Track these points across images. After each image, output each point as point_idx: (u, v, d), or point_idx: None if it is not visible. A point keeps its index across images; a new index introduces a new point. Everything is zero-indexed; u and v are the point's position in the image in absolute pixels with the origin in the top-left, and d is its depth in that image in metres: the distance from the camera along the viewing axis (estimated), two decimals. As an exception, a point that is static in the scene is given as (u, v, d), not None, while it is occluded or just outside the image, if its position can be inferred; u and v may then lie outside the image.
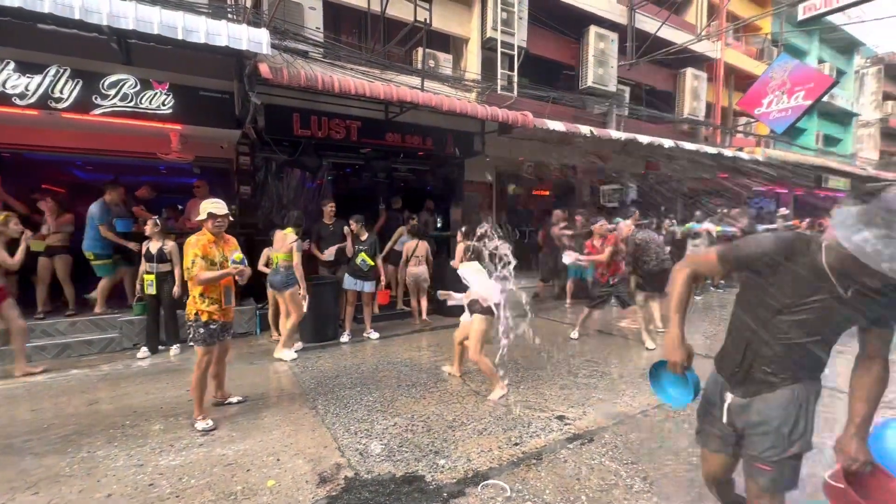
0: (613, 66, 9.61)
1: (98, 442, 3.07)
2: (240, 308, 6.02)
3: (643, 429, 3.21)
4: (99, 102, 5.00)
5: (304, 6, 6.55)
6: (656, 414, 3.45)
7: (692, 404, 1.82)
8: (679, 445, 2.96)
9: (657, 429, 3.21)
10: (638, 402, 3.67)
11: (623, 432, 3.16)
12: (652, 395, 3.72)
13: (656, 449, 2.92)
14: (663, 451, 2.89)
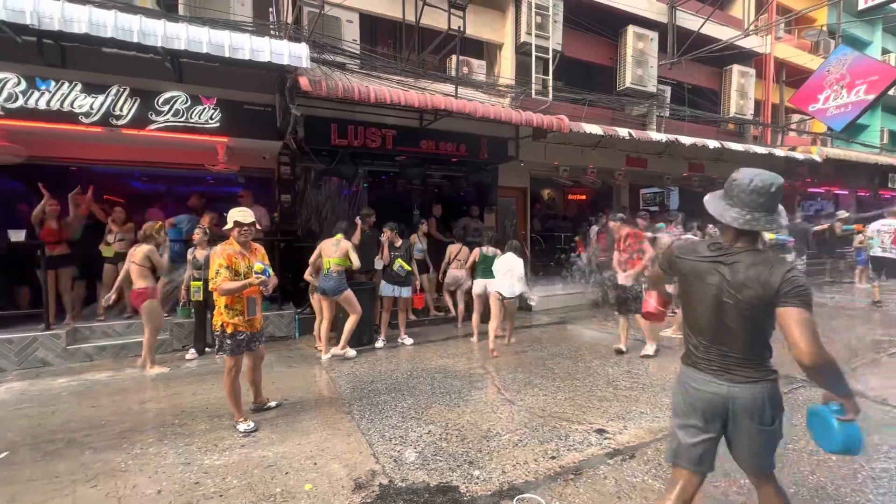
0: (653, 65, 9.30)
1: (150, 439, 3.24)
2: (279, 313, 6.24)
3: (689, 446, 3.04)
4: (154, 118, 5.34)
5: (342, 19, 6.75)
6: (703, 430, 3.26)
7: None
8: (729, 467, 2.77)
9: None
10: (683, 418, 3.49)
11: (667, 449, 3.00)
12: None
13: (704, 468, 2.75)
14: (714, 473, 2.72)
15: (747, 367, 1.67)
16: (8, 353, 4.87)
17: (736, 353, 1.68)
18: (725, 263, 1.66)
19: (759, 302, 1.58)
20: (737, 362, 1.68)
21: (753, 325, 1.63)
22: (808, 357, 1.47)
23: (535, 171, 9.41)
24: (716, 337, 1.70)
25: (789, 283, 1.54)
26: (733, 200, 1.68)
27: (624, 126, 8.44)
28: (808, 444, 3.03)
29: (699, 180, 11.38)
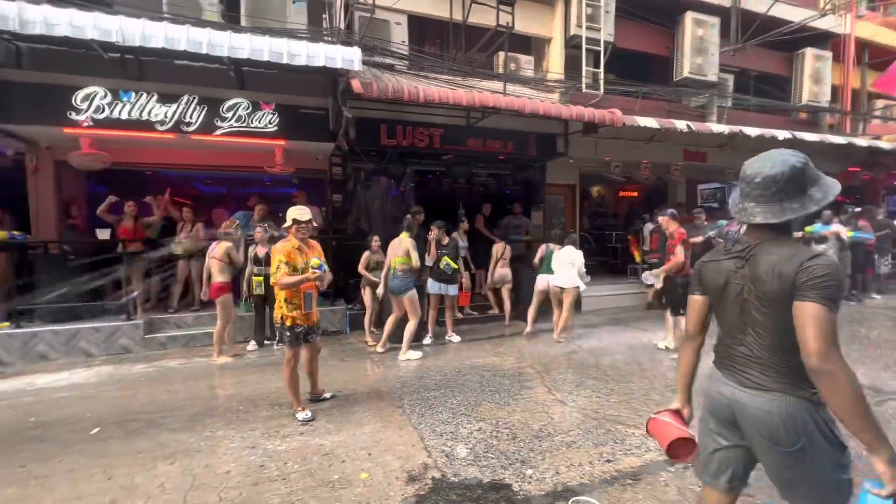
0: (714, 53, 8.74)
1: (218, 423, 3.48)
2: (332, 308, 6.47)
3: (759, 457, 2.84)
4: (219, 124, 5.71)
5: (391, 22, 6.89)
6: (775, 441, 3.03)
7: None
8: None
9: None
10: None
11: (734, 459, 2.82)
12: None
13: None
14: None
15: (763, 373, 1.43)
16: (97, 340, 5.40)
17: (756, 355, 1.46)
18: (745, 258, 1.48)
19: (777, 296, 1.36)
20: (754, 366, 1.46)
21: (775, 324, 1.40)
22: (813, 356, 1.24)
23: (585, 168, 9.14)
24: (738, 337, 1.51)
25: (807, 272, 1.30)
26: (740, 191, 1.57)
27: (681, 118, 8.00)
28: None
29: (765, 174, 10.58)
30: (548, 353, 5.41)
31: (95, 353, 5.38)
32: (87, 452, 3.03)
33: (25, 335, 5.16)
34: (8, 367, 5.01)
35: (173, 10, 5.56)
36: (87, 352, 5.36)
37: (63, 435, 3.31)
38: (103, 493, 2.55)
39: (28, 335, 5.17)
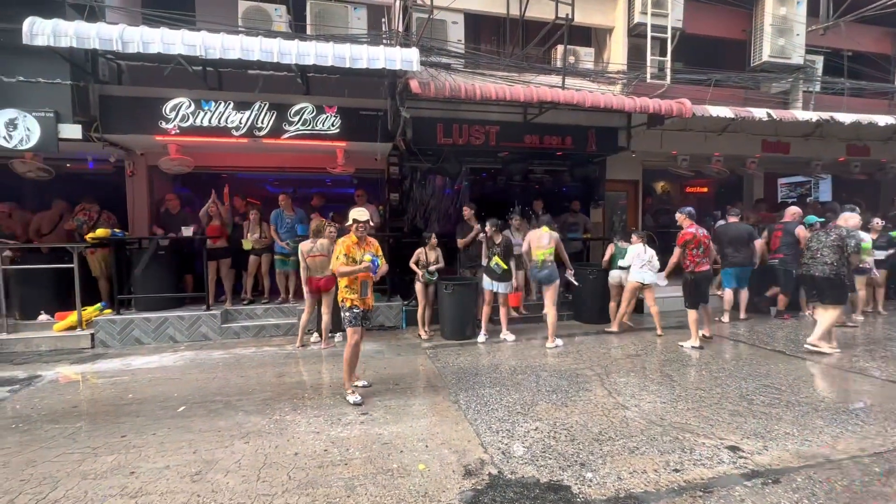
0: (800, 33, 7.94)
1: (286, 408, 3.70)
2: (388, 304, 6.66)
3: (853, 478, 2.55)
4: (287, 128, 6.06)
5: (448, 21, 6.94)
6: (873, 463, 2.71)
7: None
8: (915, 509, 2.27)
9: (876, 481, 2.52)
10: (843, 445, 2.94)
11: (823, 478, 2.56)
12: (866, 439, 2.97)
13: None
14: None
15: None
16: (181, 327, 5.95)
17: None
18: None
19: None
20: None
21: None
22: None
23: (649, 162, 8.68)
24: None
25: None
26: None
27: (760, 106, 7.36)
28: None
29: (861, 165, 9.45)
30: (607, 354, 5.21)
31: (180, 340, 5.94)
32: (175, 427, 3.36)
33: (124, 321, 5.81)
34: (110, 349, 5.66)
35: (247, 23, 5.99)
36: (173, 338, 5.92)
37: (155, 411, 3.68)
38: (189, 465, 2.81)
39: (126, 321, 5.81)
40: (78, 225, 6.36)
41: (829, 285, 4.98)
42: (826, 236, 5.10)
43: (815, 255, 5.13)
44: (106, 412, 3.69)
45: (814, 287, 5.18)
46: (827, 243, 5.05)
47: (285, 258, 6.55)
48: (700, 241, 5.40)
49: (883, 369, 4.48)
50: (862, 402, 3.69)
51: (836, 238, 5.00)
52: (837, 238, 5.00)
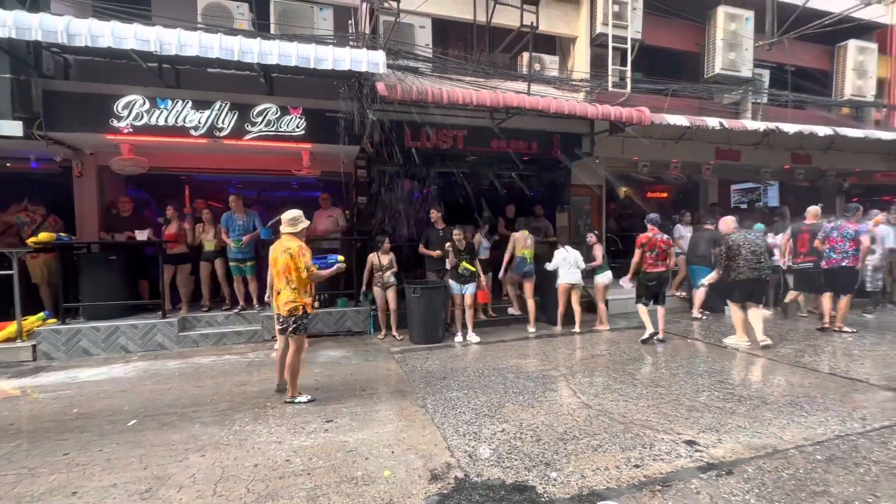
0: (748, 48, 8.43)
1: (247, 418, 3.56)
2: (356, 309, 6.55)
3: (799, 467, 2.70)
4: (249, 129, 5.88)
5: (415, 25, 6.96)
6: (816, 452, 2.88)
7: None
8: (850, 493, 2.42)
9: (818, 469, 2.67)
10: (790, 435, 3.11)
11: (772, 468, 2.69)
12: (809, 429, 3.15)
13: (819, 493, 2.42)
14: (829, 497, 2.39)
15: None
16: (134, 336, 5.64)
17: None
18: None
19: None
20: None
21: None
22: None
23: (612, 168, 8.96)
24: None
25: None
26: None
27: (713, 116, 7.76)
28: (959, 477, 2.55)
29: (805, 173, 10.11)
30: (573, 355, 5.31)
31: (133, 350, 5.62)
32: (124, 443, 3.16)
33: (70, 331, 5.45)
34: (54, 361, 5.29)
35: (207, 20, 5.79)
36: (125, 348, 5.61)
37: (102, 426, 3.46)
38: (139, 482, 2.65)
39: (72, 331, 5.45)
40: (19, 224, 5.93)
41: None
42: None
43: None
44: (47, 429, 3.44)
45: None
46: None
47: (240, 263, 6.27)
48: (656, 244, 5.70)
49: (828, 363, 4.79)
50: (806, 393, 3.91)
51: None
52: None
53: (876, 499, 2.37)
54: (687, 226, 8.07)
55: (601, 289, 6.60)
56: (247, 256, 6.25)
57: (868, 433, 3.12)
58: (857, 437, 3.07)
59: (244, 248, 6.18)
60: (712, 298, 7.24)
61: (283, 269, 3.78)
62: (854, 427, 3.21)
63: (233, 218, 6.30)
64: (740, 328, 5.48)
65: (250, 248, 6.30)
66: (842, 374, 4.36)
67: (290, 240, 3.84)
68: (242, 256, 6.23)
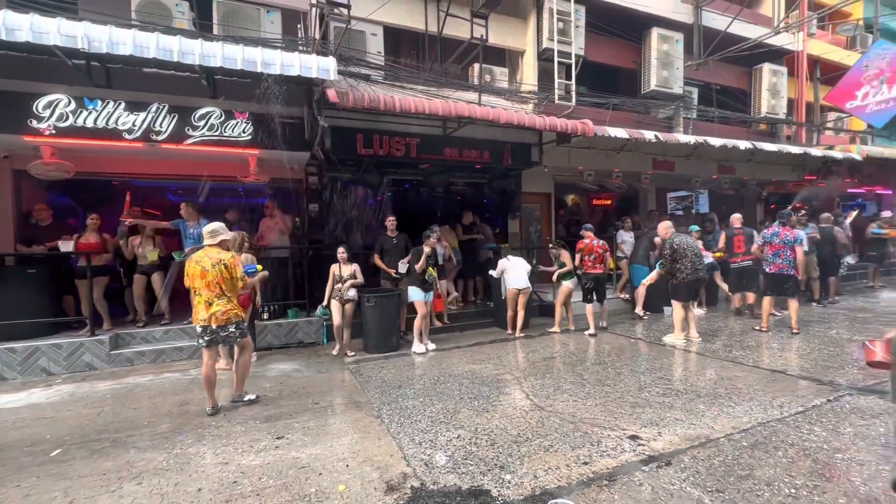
0: (679, 67, 9.15)
1: (189, 440, 3.36)
2: (308, 319, 6.37)
3: (728, 454, 2.94)
4: (191, 133, 5.60)
5: (367, 33, 6.95)
6: (742, 439, 3.15)
7: None
8: (771, 475, 2.67)
9: (744, 455, 2.93)
10: (720, 425, 3.38)
11: (705, 457, 2.91)
12: (736, 418, 3.44)
13: (745, 477, 2.65)
14: (753, 479, 2.63)
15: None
16: (58, 357, 5.14)
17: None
18: None
19: None
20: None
21: None
22: None
23: (560, 177, 9.37)
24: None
25: None
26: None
27: (650, 129, 8.32)
28: (857, 454, 2.89)
29: (730, 182, 11.06)
30: (526, 358, 5.47)
31: (56, 372, 5.13)
32: (46, 475, 2.88)
33: (-21, 354, 4.88)
34: (-41, 388, 4.72)
35: (142, 17, 5.46)
36: (47, 370, 5.10)
37: (19, 458, 3.13)
38: (64, 518, 2.42)
39: (-18, 354, 4.89)
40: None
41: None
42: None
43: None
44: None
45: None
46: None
47: None
48: (593, 249, 6.41)
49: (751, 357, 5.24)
50: (734, 385, 4.26)
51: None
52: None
53: (791, 478, 2.63)
54: (628, 231, 8.55)
55: (566, 293, 6.69)
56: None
57: (785, 419, 3.45)
58: (776, 423, 3.39)
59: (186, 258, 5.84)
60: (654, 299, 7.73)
61: (215, 281, 3.77)
62: (774, 414, 3.54)
63: (185, 226, 5.98)
64: (679, 326, 5.87)
65: None
66: (764, 367, 4.80)
67: (219, 251, 3.88)
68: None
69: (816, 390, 4.04)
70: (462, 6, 7.13)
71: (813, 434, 3.18)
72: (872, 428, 3.26)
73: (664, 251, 5.98)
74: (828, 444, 3.03)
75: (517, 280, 6.42)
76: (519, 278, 6.42)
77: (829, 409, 3.61)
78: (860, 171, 12.06)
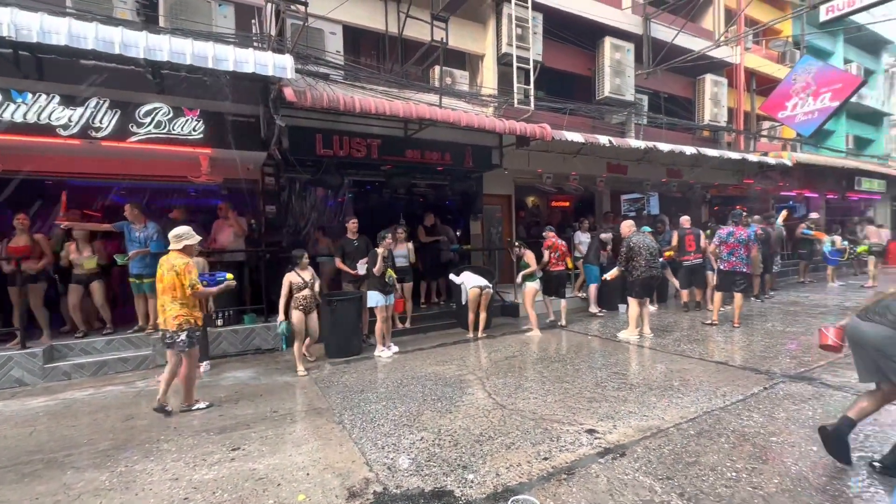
0: (630, 75, 9.59)
1: (135, 457, 3.16)
2: (266, 325, 6.15)
3: (676, 443, 3.11)
4: (135, 130, 5.27)
5: (325, 31, 6.82)
6: (689, 428, 3.34)
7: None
8: (714, 460, 2.85)
9: (691, 442, 3.11)
10: (670, 416, 3.56)
11: (656, 446, 3.07)
12: (684, 408, 3.64)
13: (692, 464, 2.82)
14: (699, 465, 2.79)
15: None
16: (-19, 373, 4.70)
17: None
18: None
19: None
20: None
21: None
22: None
23: (520, 179, 9.56)
24: None
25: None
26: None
27: (604, 134, 8.66)
28: (790, 437, 3.13)
29: (678, 185, 11.70)
30: (489, 358, 5.54)
31: (-20, 389, 4.68)
32: (-32, 504, 2.63)
33: None
34: None
35: (79, 4, 5.10)
36: (-32, 388, 4.64)
37: (-64, 486, 2.83)
38: (-10, 549, 2.22)
39: None
40: None
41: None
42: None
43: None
44: None
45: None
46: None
47: (139, 279, 5.59)
48: (557, 247, 6.78)
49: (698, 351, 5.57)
50: (683, 378, 4.51)
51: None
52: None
53: (732, 462, 2.82)
54: (585, 232, 8.87)
55: (532, 294, 6.65)
56: (144, 273, 5.55)
57: (727, 407, 3.69)
58: (719, 411, 3.62)
59: (135, 261, 5.50)
60: (609, 297, 8.06)
61: (169, 286, 3.82)
62: (717, 403, 3.78)
63: (130, 229, 5.59)
64: (634, 323, 6.14)
65: (149, 264, 5.57)
66: (710, 359, 5.11)
67: (177, 257, 3.87)
68: (140, 271, 5.55)
69: (755, 379, 4.35)
70: (422, 8, 7.14)
71: (751, 420, 3.42)
72: (802, 412, 3.55)
73: (621, 250, 6.26)
74: (764, 428, 3.27)
75: (478, 279, 6.50)
76: (479, 280, 6.50)
77: (765, 397, 3.90)
78: (791, 176, 13.09)
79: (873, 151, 18.54)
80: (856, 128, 18.25)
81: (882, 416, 3.22)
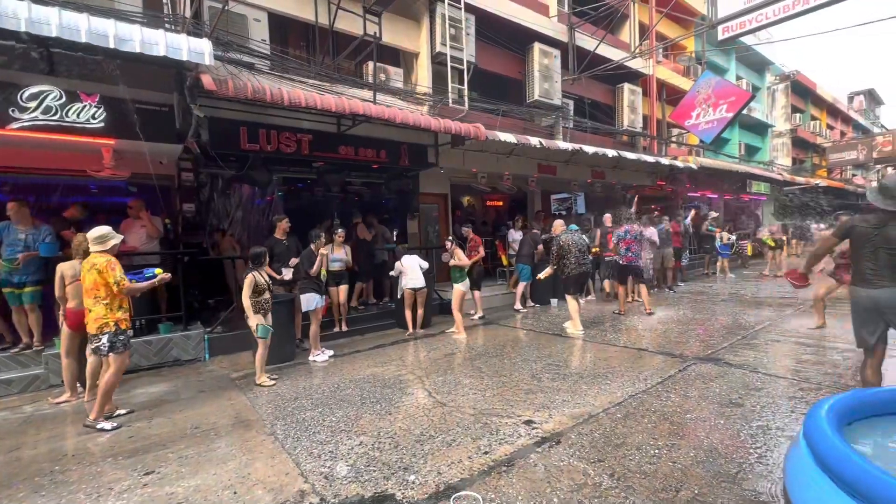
0: (557, 80, 10.07)
1: (22, 493, 2.72)
2: (185, 334, 5.63)
3: (606, 426, 3.30)
4: (17, 116, 4.57)
5: (249, 17, 6.39)
6: (617, 412, 3.56)
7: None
8: (639, 440, 3.06)
9: (619, 425, 3.31)
10: (599, 401, 3.78)
11: (588, 431, 3.23)
12: (611, 394, 3.88)
13: (620, 445, 3.00)
14: (626, 446, 2.98)
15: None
16: None
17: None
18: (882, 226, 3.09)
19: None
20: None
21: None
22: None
23: (455, 178, 9.65)
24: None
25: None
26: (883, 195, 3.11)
27: (535, 135, 9.01)
28: (701, 413, 3.45)
29: (601, 186, 12.51)
30: (427, 357, 5.52)
31: None
32: None
33: None
34: None
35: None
36: None
37: None
38: None
39: None
40: None
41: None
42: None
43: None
44: None
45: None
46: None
47: (17, 290, 4.81)
48: (474, 240, 7.46)
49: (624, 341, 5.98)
50: (609, 365, 4.81)
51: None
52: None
53: (655, 440, 3.04)
54: (518, 230, 9.17)
55: (460, 296, 6.48)
56: (26, 280, 4.78)
57: (649, 390, 3.99)
58: (642, 394, 3.90)
59: (19, 268, 4.72)
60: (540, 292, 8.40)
61: (92, 287, 3.62)
62: (640, 387, 4.08)
63: (11, 230, 4.76)
64: (577, 317, 6.36)
65: (34, 270, 4.83)
66: (632, 346, 5.50)
67: (97, 256, 3.66)
68: (19, 280, 4.77)
69: (671, 363, 4.76)
70: (355, 1, 6.94)
71: (669, 400, 3.73)
72: (710, 389, 3.94)
73: (552, 248, 6.53)
74: (680, 407, 3.58)
75: (413, 280, 6.45)
76: (415, 278, 6.45)
77: (680, 378, 4.27)
78: (696, 179, 14.55)
79: (760, 158, 21.21)
80: (746, 136, 20.74)
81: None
